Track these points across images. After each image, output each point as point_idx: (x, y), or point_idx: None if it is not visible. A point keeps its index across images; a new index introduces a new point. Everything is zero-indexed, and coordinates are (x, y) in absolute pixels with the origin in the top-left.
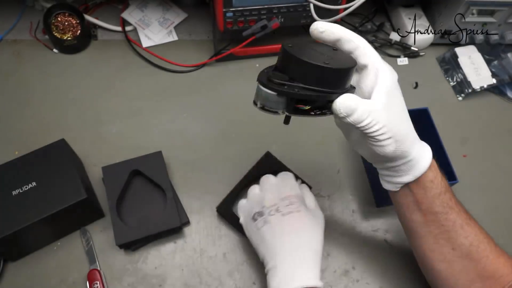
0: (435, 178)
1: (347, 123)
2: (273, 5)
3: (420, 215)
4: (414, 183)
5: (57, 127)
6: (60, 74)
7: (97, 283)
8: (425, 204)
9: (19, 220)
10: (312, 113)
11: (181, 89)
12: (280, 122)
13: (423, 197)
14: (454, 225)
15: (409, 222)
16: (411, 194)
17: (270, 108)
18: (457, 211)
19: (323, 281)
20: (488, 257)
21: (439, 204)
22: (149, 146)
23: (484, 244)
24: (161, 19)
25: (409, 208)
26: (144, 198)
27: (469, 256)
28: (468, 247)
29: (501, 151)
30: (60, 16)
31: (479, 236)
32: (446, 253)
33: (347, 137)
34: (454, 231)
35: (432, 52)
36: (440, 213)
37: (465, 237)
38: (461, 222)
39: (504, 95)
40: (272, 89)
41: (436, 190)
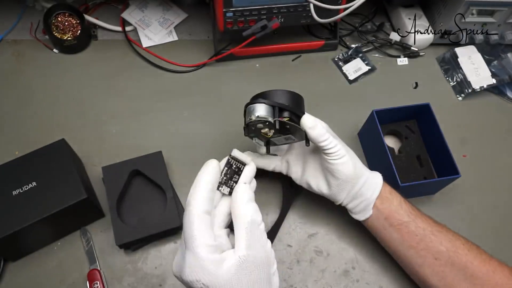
0: (391, 190)
1: (313, 137)
2: (273, 5)
3: (394, 230)
4: (378, 199)
5: (57, 127)
6: (60, 74)
7: (97, 283)
8: (394, 218)
9: (19, 220)
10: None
11: (181, 89)
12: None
13: (389, 211)
14: (425, 232)
15: (389, 243)
16: (380, 214)
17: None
18: (423, 219)
19: (323, 281)
20: (473, 263)
21: (403, 213)
22: (149, 146)
23: (463, 249)
24: (161, 19)
25: (384, 228)
26: (144, 198)
27: (453, 264)
28: (447, 253)
29: (501, 151)
30: (60, 16)
31: (454, 242)
32: (432, 265)
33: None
34: (428, 238)
35: (432, 52)
36: (408, 222)
37: (440, 243)
38: (431, 229)
39: (504, 95)
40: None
41: (396, 201)
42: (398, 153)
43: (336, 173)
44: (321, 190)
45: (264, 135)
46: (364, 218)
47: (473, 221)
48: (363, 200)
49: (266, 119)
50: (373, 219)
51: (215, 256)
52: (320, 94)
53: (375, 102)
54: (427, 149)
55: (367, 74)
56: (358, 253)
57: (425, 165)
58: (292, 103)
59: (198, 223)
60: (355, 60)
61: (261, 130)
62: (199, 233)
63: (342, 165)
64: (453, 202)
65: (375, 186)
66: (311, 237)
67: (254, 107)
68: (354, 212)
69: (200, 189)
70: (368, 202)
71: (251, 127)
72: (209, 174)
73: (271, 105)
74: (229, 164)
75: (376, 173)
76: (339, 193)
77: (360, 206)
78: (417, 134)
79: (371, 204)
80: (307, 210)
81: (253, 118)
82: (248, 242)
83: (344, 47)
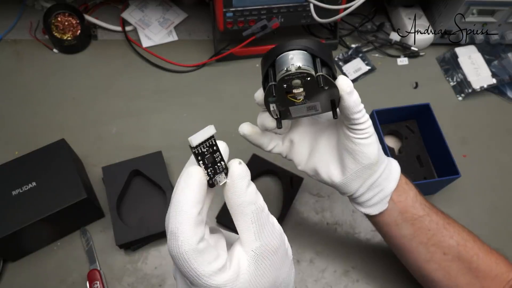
0: (406, 180)
1: (349, 105)
2: (273, 5)
3: (408, 226)
4: (395, 191)
5: (57, 127)
6: (60, 74)
7: (97, 283)
8: (409, 212)
9: (19, 220)
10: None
11: (181, 89)
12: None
13: (405, 204)
14: (438, 226)
15: (399, 239)
16: (395, 207)
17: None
18: (435, 211)
19: (323, 281)
20: (479, 255)
21: (419, 207)
22: (149, 146)
23: (470, 242)
24: (161, 19)
25: (396, 224)
26: (144, 198)
27: (460, 258)
28: (457, 247)
29: (501, 151)
30: (60, 16)
31: (462, 235)
32: (439, 260)
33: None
34: (440, 233)
35: (432, 52)
36: (424, 216)
37: (451, 237)
38: (443, 222)
39: (504, 95)
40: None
41: (412, 192)
42: (398, 153)
43: (359, 156)
44: (331, 178)
45: (292, 99)
46: (377, 212)
47: (473, 221)
48: (379, 191)
49: (308, 72)
50: (385, 213)
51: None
52: None
53: (375, 102)
54: (427, 149)
55: (367, 74)
56: (358, 253)
57: (425, 165)
58: (328, 58)
59: (195, 258)
60: (355, 60)
61: (293, 90)
62: (202, 268)
63: (369, 146)
64: (453, 202)
65: (394, 175)
66: (311, 237)
67: (294, 55)
68: (367, 205)
69: (186, 216)
70: (385, 194)
71: (282, 85)
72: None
73: (314, 55)
74: (200, 153)
75: (393, 160)
76: (353, 181)
77: (375, 198)
78: (417, 134)
79: (388, 197)
80: (307, 210)
81: (293, 70)
82: (257, 232)
83: (344, 47)
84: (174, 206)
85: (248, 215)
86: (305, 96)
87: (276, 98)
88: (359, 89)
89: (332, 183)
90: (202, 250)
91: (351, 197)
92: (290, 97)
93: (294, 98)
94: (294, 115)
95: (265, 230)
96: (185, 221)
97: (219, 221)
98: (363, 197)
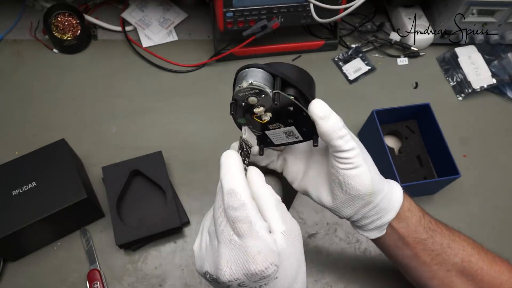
0: (411, 205)
1: (325, 131)
2: (273, 5)
3: (408, 249)
4: (394, 219)
5: (57, 127)
6: (60, 74)
7: (97, 283)
8: (411, 237)
9: (19, 220)
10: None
11: (181, 89)
12: None
13: (406, 230)
14: (442, 247)
15: (400, 258)
16: (394, 233)
17: (258, 85)
18: (440, 231)
19: (323, 281)
20: (483, 269)
21: (422, 231)
22: (149, 146)
23: (474, 256)
24: (161, 19)
25: (396, 246)
26: (144, 198)
27: (464, 273)
28: (461, 264)
29: (501, 151)
30: (60, 16)
31: (467, 250)
32: (443, 277)
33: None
34: (444, 253)
35: (432, 52)
36: (426, 239)
37: (455, 255)
38: (447, 242)
39: (504, 95)
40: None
41: (416, 217)
42: (398, 153)
43: (346, 187)
44: (322, 202)
45: (257, 119)
46: (375, 237)
47: (473, 221)
48: (375, 220)
49: (262, 89)
50: (385, 238)
51: (272, 236)
52: (320, 94)
53: (375, 102)
54: (427, 149)
55: (367, 74)
56: (359, 253)
57: (425, 165)
58: (301, 81)
59: (251, 206)
60: (355, 60)
61: (253, 108)
62: (256, 216)
63: (356, 178)
64: (453, 202)
65: (394, 204)
66: (311, 237)
67: (248, 72)
68: (364, 229)
69: (239, 174)
70: (382, 222)
71: (240, 102)
72: (237, 161)
73: (272, 73)
74: (241, 147)
75: (395, 185)
76: (345, 209)
77: (371, 225)
78: (417, 134)
79: (385, 225)
80: (307, 210)
81: (244, 85)
82: (282, 218)
83: (344, 47)
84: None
85: (273, 203)
86: (274, 118)
87: (243, 120)
88: (359, 89)
89: (324, 206)
90: (254, 204)
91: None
92: (256, 117)
93: (260, 118)
94: (275, 142)
95: (287, 218)
96: (238, 178)
97: None
98: (358, 223)
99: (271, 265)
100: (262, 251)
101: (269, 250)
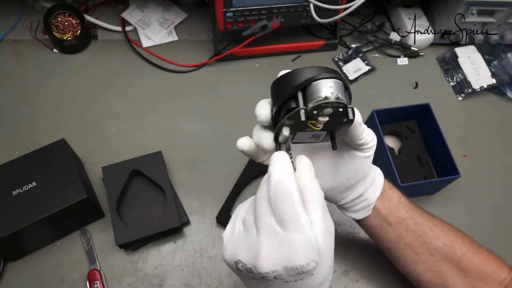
0: (390, 185)
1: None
2: (273, 5)
3: (392, 230)
4: (379, 197)
5: (57, 127)
6: (60, 74)
7: (97, 283)
8: (393, 216)
9: (19, 220)
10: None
11: (181, 89)
12: None
13: (388, 209)
14: (422, 228)
15: (386, 241)
16: (378, 212)
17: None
18: (420, 213)
19: None
20: (467, 256)
21: (403, 210)
22: (149, 146)
23: (457, 243)
24: (161, 19)
25: (382, 227)
26: (144, 198)
27: (448, 259)
28: (443, 248)
29: (501, 151)
30: (60, 16)
31: (449, 236)
32: (427, 261)
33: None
34: (425, 235)
35: (432, 52)
36: (407, 219)
37: (437, 239)
38: (428, 224)
39: (504, 95)
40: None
41: (396, 196)
42: (398, 153)
43: (359, 172)
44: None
45: (311, 125)
46: (361, 217)
47: (473, 221)
48: (364, 199)
49: (344, 103)
50: (370, 218)
51: (314, 232)
52: None
53: (375, 102)
54: (427, 149)
55: (367, 74)
56: (358, 253)
57: (425, 165)
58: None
59: (298, 198)
60: (355, 60)
61: (319, 117)
62: (302, 209)
63: (368, 160)
64: (453, 202)
65: (378, 182)
66: None
67: (334, 83)
68: (351, 210)
69: (288, 167)
70: (369, 201)
71: (313, 111)
72: (287, 156)
73: (346, 87)
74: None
75: (376, 168)
76: (343, 192)
77: (360, 205)
78: (417, 134)
79: (372, 204)
80: None
81: (332, 99)
82: (323, 216)
83: (344, 47)
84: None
85: (319, 198)
86: (330, 125)
87: (292, 122)
88: (359, 89)
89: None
90: (300, 198)
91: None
92: (310, 123)
93: (314, 125)
94: (296, 140)
95: (327, 215)
96: (286, 168)
97: (219, 221)
98: (348, 204)
99: (312, 261)
100: (306, 246)
101: (312, 245)
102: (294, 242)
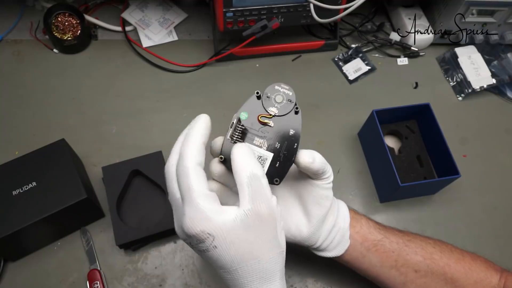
0: (353, 209)
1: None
2: (273, 5)
3: (372, 255)
4: (350, 225)
5: (57, 127)
6: (60, 74)
7: (97, 283)
8: (369, 241)
9: (19, 220)
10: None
11: (181, 89)
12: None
13: (362, 235)
14: (399, 246)
15: (371, 270)
16: (355, 242)
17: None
18: (392, 232)
19: (323, 281)
20: (450, 265)
21: (375, 232)
22: (149, 146)
23: (436, 254)
24: (161, 19)
25: (363, 256)
26: (144, 198)
27: (432, 271)
28: (424, 262)
29: (501, 151)
30: (60, 16)
31: (426, 249)
32: (414, 279)
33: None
34: (404, 252)
35: (432, 52)
36: (382, 240)
37: (415, 253)
38: (403, 241)
39: (504, 95)
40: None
41: (364, 219)
42: (398, 153)
43: (324, 200)
44: (300, 231)
45: (260, 120)
46: (342, 251)
47: (473, 221)
48: (338, 229)
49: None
50: (350, 250)
51: (215, 206)
52: (320, 94)
53: (375, 102)
54: (427, 149)
55: (367, 74)
56: None
57: (425, 165)
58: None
59: (193, 173)
60: (355, 60)
61: (269, 107)
62: (196, 183)
63: (329, 188)
64: (453, 202)
65: (343, 209)
66: None
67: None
68: (331, 248)
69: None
70: (343, 230)
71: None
72: (201, 127)
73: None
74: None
75: (337, 199)
76: (320, 228)
77: (337, 238)
78: (417, 134)
79: (347, 233)
80: None
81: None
82: (251, 196)
83: (344, 47)
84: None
85: (244, 179)
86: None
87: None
88: (359, 89)
89: (300, 237)
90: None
91: (314, 247)
92: (261, 118)
93: (263, 120)
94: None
95: (259, 197)
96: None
97: None
98: (326, 242)
99: (202, 232)
100: (193, 218)
101: (203, 217)
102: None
